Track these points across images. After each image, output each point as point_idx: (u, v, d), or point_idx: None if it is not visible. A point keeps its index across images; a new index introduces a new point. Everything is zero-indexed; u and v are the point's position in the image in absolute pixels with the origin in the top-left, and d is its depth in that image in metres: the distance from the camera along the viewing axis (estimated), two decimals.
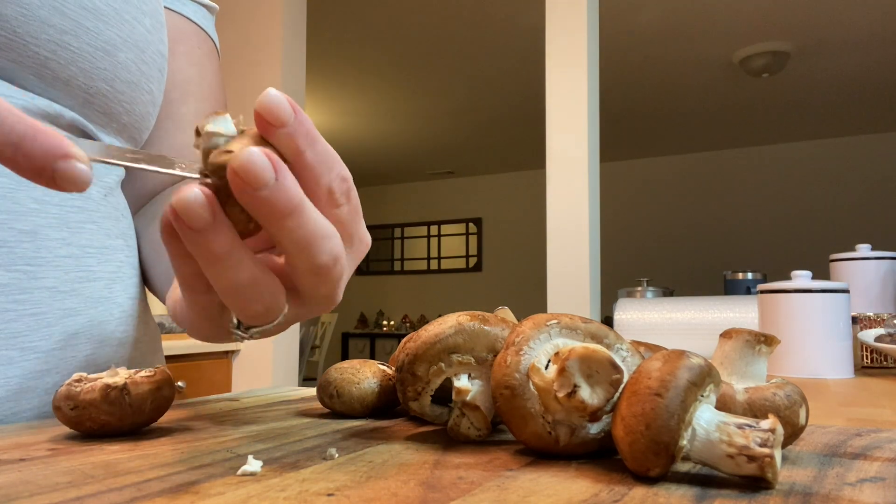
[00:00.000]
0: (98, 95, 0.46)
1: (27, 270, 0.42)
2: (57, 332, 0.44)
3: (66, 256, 0.45)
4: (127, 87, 0.48)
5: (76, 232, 0.46)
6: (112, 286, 0.49)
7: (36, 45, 0.42)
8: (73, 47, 0.44)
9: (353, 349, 7.56)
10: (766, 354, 0.33)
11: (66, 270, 0.45)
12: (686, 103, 4.93)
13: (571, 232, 2.31)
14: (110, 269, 0.49)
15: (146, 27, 0.50)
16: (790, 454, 0.32)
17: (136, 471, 0.28)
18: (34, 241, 0.43)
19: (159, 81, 0.53)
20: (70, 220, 0.45)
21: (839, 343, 0.96)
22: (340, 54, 4.07)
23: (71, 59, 0.44)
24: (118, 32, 0.47)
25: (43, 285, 0.43)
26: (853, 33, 3.66)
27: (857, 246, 1.39)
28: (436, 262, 7.49)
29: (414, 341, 0.35)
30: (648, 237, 6.45)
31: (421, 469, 0.28)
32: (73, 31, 0.43)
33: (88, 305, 0.46)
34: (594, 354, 0.28)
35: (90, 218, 0.47)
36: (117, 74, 0.47)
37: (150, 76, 0.51)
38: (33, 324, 0.42)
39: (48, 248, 0.44)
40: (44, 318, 0.43)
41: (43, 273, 0.43)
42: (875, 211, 5.63)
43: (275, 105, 0.26)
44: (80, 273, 0.46)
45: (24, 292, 0.42)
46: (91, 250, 0.47)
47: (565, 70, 2.35)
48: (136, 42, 0.48)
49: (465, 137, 5.94)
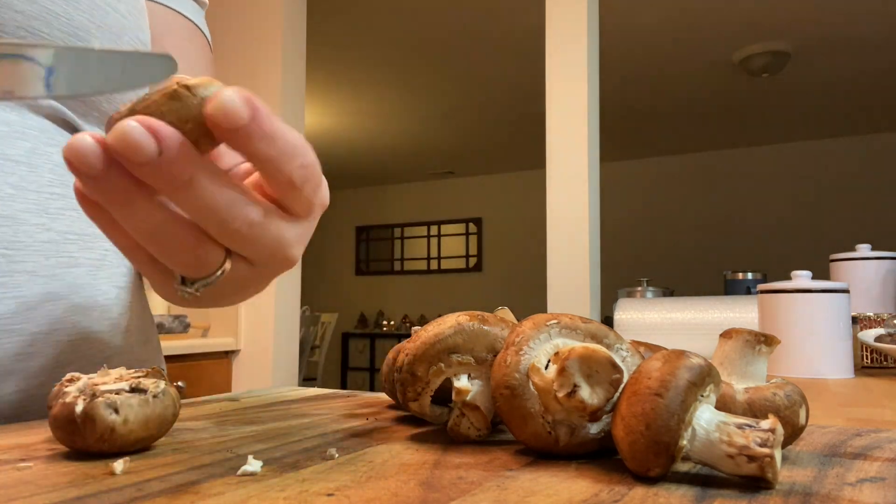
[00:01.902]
0: None
1: (5, 254, 0.42)
2: (39, 316, 0.44)
3: (45, 241, 0.45)
4: None
5: (55, 218, 0.46)
6: (96, 273, 0.49)
7: (3, 32, 0.41)
8: (43, 33, 0.43)
9: (353, 349, 7.56)
10: (766, 354, 0.33)
11: (47, 255, 0.45)
12: (686, 103, 4.93)
13: (571, 232, 2.30)
14: (93, 256, 0.49)
15: (121, 13, 0.49)
16: (790, 454, 0.32)
17: (136, 471, 0.28)
18: (12, 225, 0.43)
19: None
20: (49, 206, 0.45)
21: (839, 343, 0.96)
22: (340, 54, 4.07)
23: None
24: (90, 17, 0.46)
25: (23, 269, 0.43)
26: (853, 33, 3.66)
27: (857, 246, 1.39)
28: (436, 262, 7.48)
29: (413, 342, 0.35)
30: (648, 237, 6.45)
31: (421, 469, 0.28)
32: (43, 17, 0.43)
33: (71, 291, 0.46)
34: (594, 354, 0.28)
35: (70, 205, 0.47)
36: None
37: None
38: (14, 306, 0.42)
39: (27, 233, 0.43)
40: (25, 301, 0.43)
41: (21, 257, 0.43)
42: (875, 211, 5.63)
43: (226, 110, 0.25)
44: (60, 259, 0.46)
45: (4, 275, 0.42)
46: (72, 237, 0.47)
47: (565, 70, 2.34)
48: (111, 27, 0.48)
49: (465, 137, 5.93)
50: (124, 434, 0.30)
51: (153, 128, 0.25)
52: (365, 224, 7.87)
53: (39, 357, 0.44)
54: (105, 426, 0.30)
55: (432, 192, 7.58)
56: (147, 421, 0.31)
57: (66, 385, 0.32)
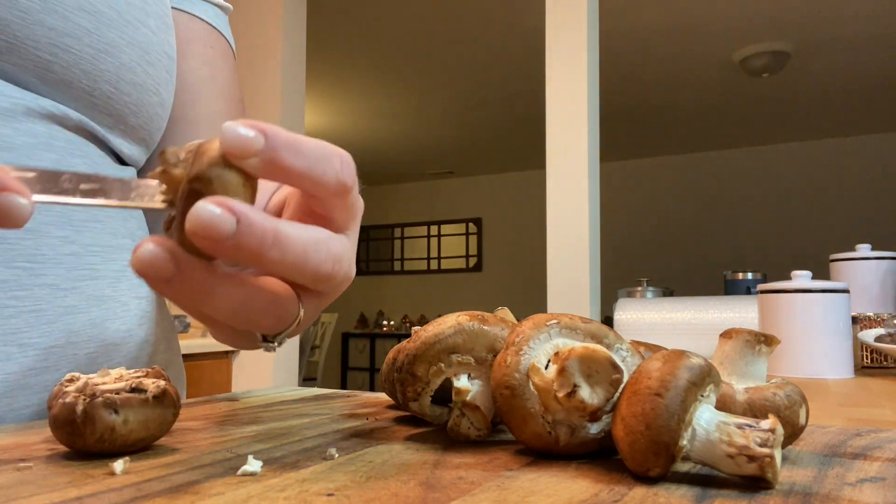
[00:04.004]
0: (102, 97, 0.46)
1: (27, 267, 0.42)
2: (57, 330, 0.44)
3: (68, 254, 0.45)
4: (133, 88, 0.48)
5: (79, 230, 0.46)
6: (117, 285, 0.49)
7: (36, 49, 0.42)
8: (74, 49, 0.44)
9: (353, 349, 7.56)
10: (766, 354, 0.33)
11: (68, 268, 0.45)
12: (686, 103, 4.93)
13: (571, 232, 2.30)
14: (115, 267, 0.48)
15: (150, 28, 0.50)
16: (790, 454, 0.32)
17: (136, 471, 0.28)
18: (35, 238, 0.43)
19: (167, 83, 0.53)
20: (73, 218, 0.45)
21: (839, 343, 0.96)
22: (340, 54, 4.07)
23: (73, 62, 0.44)
24: (120, 34, 0.46)
25: (43, 282, 0.43)
26: (853, 33, 3.66)
27: (857, 246, 1.39)
28: (436, 262, 7.49)
29: (413, 342, 0.35)
30: (648, 237, 6.45)
31: (421, 469, 0.28)
32: (74, 34, 0.43)
33: (91, 304, 0.46)
34: (594, 354, 0.28)
35: (94, 217, 0.47)
36: (121, 76, 0.47)
37: (157, 77, 0.51)
38: (33, 320, 0.42)
39: (50, 246, 0.43)
40: (43, 315, 0.43)
41: (43, 270, 0.43)
42: (875, 211, 5.63)
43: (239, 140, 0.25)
44: (82, 271, 0.46)
45: (24, 289, 0.42)
46: (95, 248, 0.47)
47: (565, 70, 2.35)
48: (140, 43, 0.48)
49: (465, 137, 5.93)
50: (124, 434, 0.30)
51: (220, 202, 0.24)
52: (365, 224, 7.87)
53: (54, 371, 0.44)
54: (105, 426, 0.30)
55: (432, 192, 7.58)
56: (147, 421, 0.31)
57: (65, 385, 0.32)
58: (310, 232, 0.28)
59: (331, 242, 0.29)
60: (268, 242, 0.25)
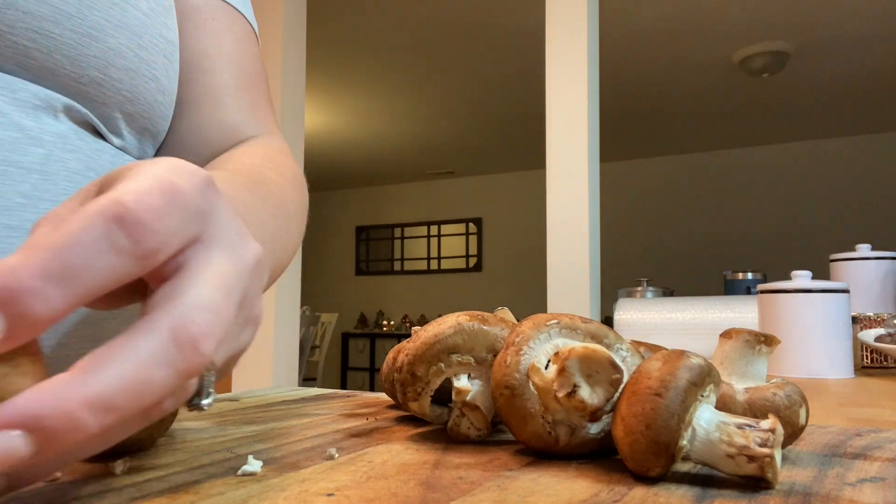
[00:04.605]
0: (91, 84, 0.44)
1: None
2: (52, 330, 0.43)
3: None
4: (125, 74, 0.46)
5: None
6: None
7: (12, 34, 0.40)
8: (54, 34, 0.41)
9: (352, 349, 7.56)
10: (766, 354, 0.33)
11: None
12: (686, 103, 4.93)
13: (571, 232, 2.30)
14: None
15: (142, 10, 0.47)
16: (790, 454, 0.32)
17: (136, 471, 0.28)
18: (22, 236, 0.41)
19: (166, 68, 0.50)
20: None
21: (839, 343, 0.96)
22: (340, 54, 4.07)
23: (54, 47, 0.41)
24: (106, 17, 0.44)
25: None
26: (853, 33, 3.66)
27: (857, 246, 1.39)
28: (436, 262, 7.48)
29: (413, 342, 0.35)
30: (648, 237, 6.45)
31: (421, 469, 0.28)
32: (53, 18, 0.41)
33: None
34: (594, 354, 0.28)
35: None
36: (110, 61, 0.44)
37: (153, 63, 0.48)
38: None
39: None
40: None
41: None
42: (875, 211, 5.63)
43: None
44: None
45: None
46: None
47: (565, 70, 2.34)
48: (130, 26, 0.46)
49: (465, 137, 5.93)
50: None
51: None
52: (365, 224, 7.87)
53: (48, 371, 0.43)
54: None
55: (432, 192, 7.58)
56: None
57: None
58: (141, 347, 0.21)
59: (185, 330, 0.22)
60: (83, 417, 0.20)
